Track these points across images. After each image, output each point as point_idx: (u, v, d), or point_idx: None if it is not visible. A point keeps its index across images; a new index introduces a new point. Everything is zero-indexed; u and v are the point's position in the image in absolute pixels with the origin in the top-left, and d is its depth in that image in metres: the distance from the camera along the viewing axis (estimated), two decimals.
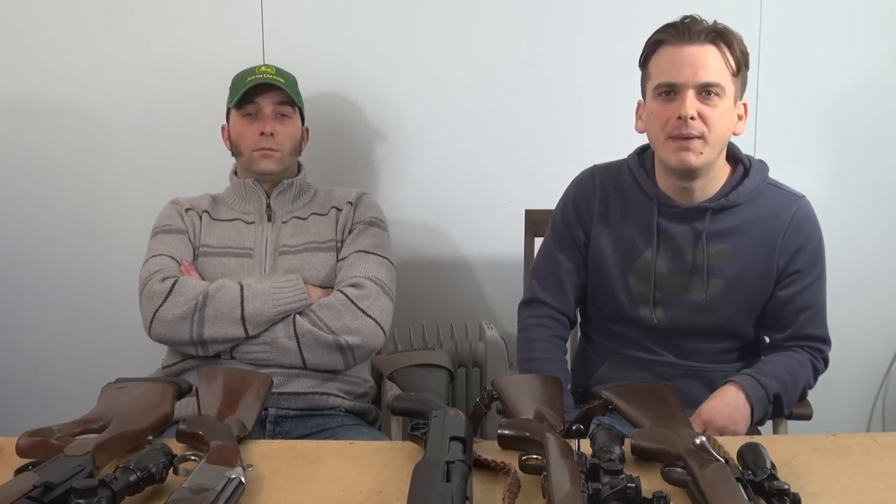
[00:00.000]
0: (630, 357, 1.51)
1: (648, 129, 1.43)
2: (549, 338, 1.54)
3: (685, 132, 1.33)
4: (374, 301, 1.58)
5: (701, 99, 1.33)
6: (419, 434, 1.03)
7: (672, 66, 1.35)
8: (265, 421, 1.52)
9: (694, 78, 1.33)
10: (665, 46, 1.36)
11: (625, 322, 1.51)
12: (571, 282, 1.55)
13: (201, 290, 1.54)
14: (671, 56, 1.35)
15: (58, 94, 2.02)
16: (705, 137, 1.34)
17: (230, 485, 0.86)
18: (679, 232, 1.45)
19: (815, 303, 1.45)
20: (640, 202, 1.48)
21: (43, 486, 0.79)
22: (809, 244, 1.43)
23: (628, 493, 0.84)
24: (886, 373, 2.21)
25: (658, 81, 1.37)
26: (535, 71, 2.02)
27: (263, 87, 1.65)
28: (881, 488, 0.96)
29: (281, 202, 1.70)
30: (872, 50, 2.04)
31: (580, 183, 1.55)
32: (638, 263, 1.48)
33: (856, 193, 2.10)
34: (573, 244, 1.54)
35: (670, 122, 1.35)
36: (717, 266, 1.44)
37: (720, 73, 1.34)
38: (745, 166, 1.46)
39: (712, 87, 1.33)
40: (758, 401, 1.35)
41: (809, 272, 1.43)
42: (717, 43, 1.34)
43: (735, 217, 1.43)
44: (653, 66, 1.39)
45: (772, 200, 1.44)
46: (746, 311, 1.46)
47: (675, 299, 1.46)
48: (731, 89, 1.36)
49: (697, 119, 1.33)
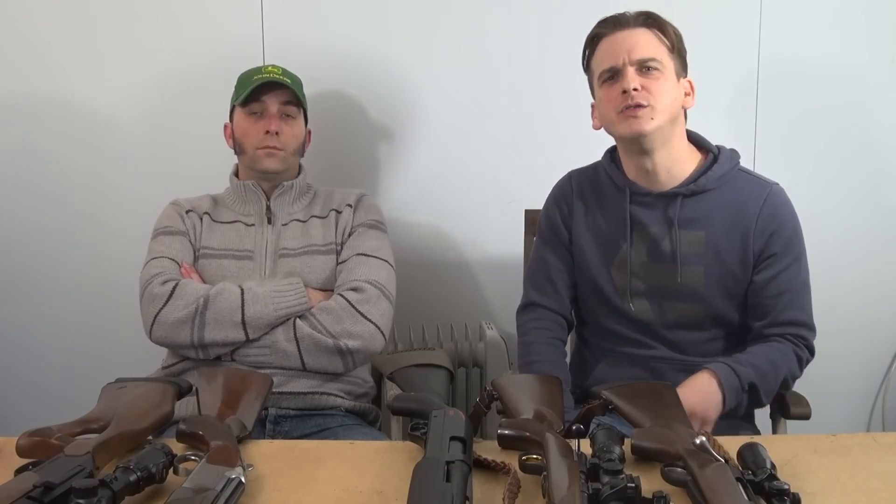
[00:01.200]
0: (624, 354, 1.52)
1: (602, 118, 1.47)
2: (548, 340, 1.56)
3: (632, 102, 1.38)
4: (374, 305, 1.58)
5: (642, 74, 1.39)
6: (419, 434, 1.03)
7: (609, 53, 1.42)
8: (265, 421, 1.52)
9: (631, 55, 1.39)
10: (601, 40, 1.44)
11: (615, 317, 1.52)
12: (564, 281, 1.58)
13: (202, 293, 1.54)
14: (608, 45, 1.43)
15: (60, 93, 2.02)
16: (652, 105, 1.38)
17: (230, 485, 0.86)
18: (652, 220, 1.46)
19: (792, 286, 1.44)
20: (614, 195, 1.51)
21: (43, 486, 0.79)
22: (784, 228, 1.44)
23: (628, 493, 0.84)
24: (886, 373, 2.21)
25: (600, 70, 1.43)
26: (536, 71, 2.03)
27: (270, 86, 1.65)
28: (881, 488, 0.96)
29: (281, 204, 1.70)
30: (872, 50, 2.04)
31: (559, 188, 1.61)
32: (618, 256, 1.50)
33: (856, 193, 2.10)
34: (560, 244, 1.57)
35: (617, 99, 1.40)
36: (693, 253, 1.44)
37: (655, 48, 1.40)
38: (714, 154, 1.48)
39: (650, 62, 1.39)
40: (730, 389, 1.35)
41: (785, 255, 1.44)
42: (648, 25, 1.41)
43: (706, 203, 1.44)
44: (594, 61, 1.46)
45: (743, 186, 1.46)
46: (729, 298, 1.46)
47: (659, 289, 1.48)
48: (670, 65, 1.41)
49: (641, 90, 1.38)
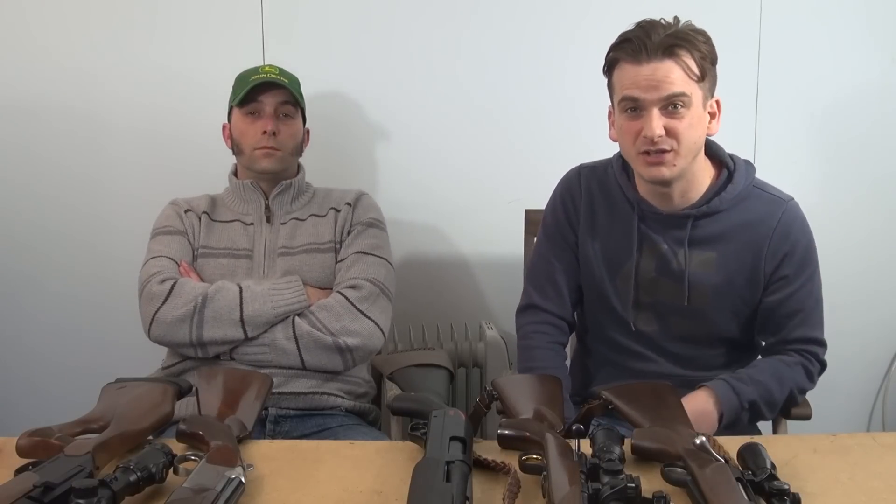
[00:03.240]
0: (625, 367, 1.49)
1: (620, 143, 1.40)
2: (549, 345, 1.52)
3: (655, 149, 1.31)
4: (373, 302, 1.58)
5: (667, 113, 1.30)
6: (419, 434, 1.03)
7: (633, 84, 1.30)
8: (265, 421, 1.52)
9: (656, 94, 1.29)
10: (622, 63, 1.32)
11: (618, 327, 1.50)
12: (568, 284, 1.53)
13: (200, 291, 1.54)
14: (631, 73, 1.31)
15: (60, 94, 2.02)
16: (676, 150, 1.31)
17: (230, 485, 0.87)
18: (662, 239, 1.43)
19: (804, 306, 1.42)
20: (624, 207, 1.46)
21: (43, 486, 0.79)
22: (797, 249, 1.40)
23: (628, 493, 0.84)
24: (886, 373, 2.21)
25: (621, 95, 1.33)
26: (535, 71, 2.02)
27: (267, 86, 1.65)
28: (881, 488, 0.96)
29: (279, 203, 1.70)
30: (872, 50, 2.04)
31: (566, 183, 1.54)
32: (625, 267, 1.46)
33: (856, 193, 2.10)
34: (566, 245, 1.52)
35: (639, 138, 1.32)
36: (702, 274, 1.41)
37: (682, 83, 1.29)
38: (729, 169, 1.42)
39: (677, 99, 1.29)
40: (729, 408, 1.33)
41: (798, 277, 1.40)
42: (675, 54, 1.28)
43: (719, 223, 1.40)
44: (616, 80, 1.35)
45: (757, 205, 1.41)
46: (735, 318, 1.44)
47: (664, 305, 1.45)
48: (698, 95, 1.31)
49: (665, 135, 1.30)
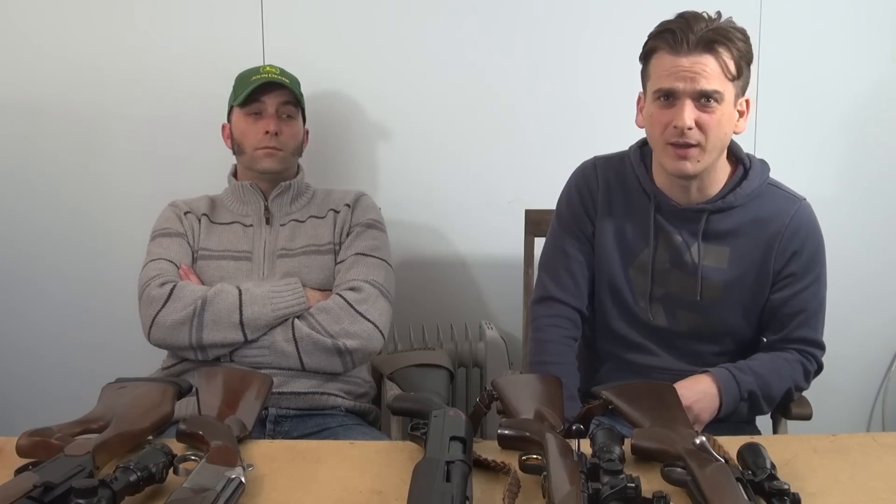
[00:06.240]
0: (629, 361, 1.50)
1: (648, 131, 1.42)
2: (563, 339, 1.51)
3: (682, 141, 1.33)
4: (372, 304, 1.58)
5: (699, 107, 1.32)
6: (419, 434, 1.03)
7: (669, 75, 1.33)
8: (265, 421, 1.52)
9: (692, 86, 1.31)
10: (661, 53, 1.34)
11: (627, 320, 1.50)
12: (583, 274, 1.52)
13: (200, 294, 1.54)
14: (668, 63, 1.33)
15: (59, 94, 2.02)
16: (702, 145, 1.33)
17: (230, 485, 0.87)
18: (677, 231, 1.44)
19: (808, 307, 1.43)
20: (640, 198, 1.47)
21: (43, 486, 0.79)
22: (806, 248, 1.42)
23: (628, 493, 0.84)
24: (886, 373, 2.21)
25: (656, 86, 1.35)
26: (536, 70, 2.02)
27: (269, 87, 1.66)
28: (881, 488, 0.96)
29: (279, 204, 1.70)
30: (872, 50, 2.04)
31: (582, 174, 1.53)
32: (639, 258, 1.47)
33: (856, 193, 2.10)
34: (581, 235, 1.52)
35: (668, 128, 1.34)
36: (715, 268, 1.43)
37: (718, 80, 1.31)
38: (745, 167, 1.44)
39: (710, 95, 1.31)
40: (729, 396, 1.35)
41: (804, 276, 1.42)
42: (714, 50, 1.31)
43: (734, 219, 1.42)
44: (652, 69, 1.37)
45: (771, 203, 1.43)
46: (743, 314, 1.46)
47: (677, 298, 1.46)
48: (730, 93, 1.33)
49: (695, 128, 1.32)
